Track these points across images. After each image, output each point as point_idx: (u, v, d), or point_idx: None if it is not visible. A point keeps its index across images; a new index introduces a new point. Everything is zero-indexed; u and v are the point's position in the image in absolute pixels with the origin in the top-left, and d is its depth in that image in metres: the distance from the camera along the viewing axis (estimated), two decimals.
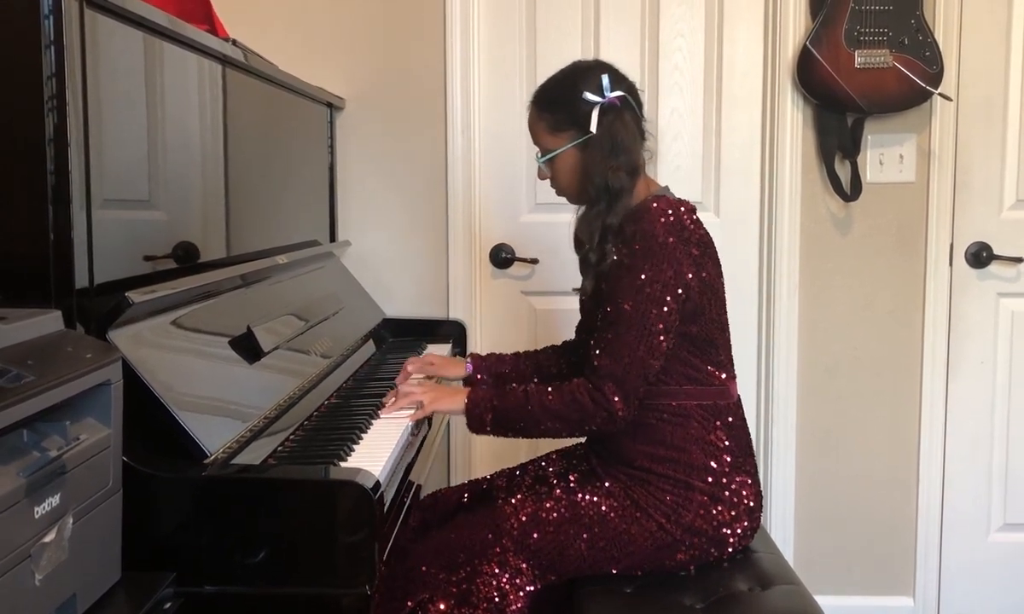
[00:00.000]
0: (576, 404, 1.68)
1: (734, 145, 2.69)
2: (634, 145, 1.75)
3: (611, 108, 1.74)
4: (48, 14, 1.21)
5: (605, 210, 1.73)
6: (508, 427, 1.75)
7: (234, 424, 1.47)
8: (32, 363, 1.01)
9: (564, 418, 1.70)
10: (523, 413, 1.72)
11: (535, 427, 1.73)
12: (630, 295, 1.67)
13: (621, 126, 1.73)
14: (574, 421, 1.70)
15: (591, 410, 1.67)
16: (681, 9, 2.66)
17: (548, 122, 1.79)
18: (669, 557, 1.72)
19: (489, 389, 1.84)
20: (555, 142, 1.78)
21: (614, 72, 1.77)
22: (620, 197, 1.72)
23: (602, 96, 1.73)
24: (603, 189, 1.73)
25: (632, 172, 1.74)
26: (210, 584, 1.31)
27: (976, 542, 2.75)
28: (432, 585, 1.69)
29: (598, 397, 1.67)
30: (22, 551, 0.97)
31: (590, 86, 1.74)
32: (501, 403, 1.75)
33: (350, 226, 2.69)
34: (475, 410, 1.76)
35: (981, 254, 2.66)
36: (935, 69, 2.50)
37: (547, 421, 1.71)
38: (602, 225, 1.73)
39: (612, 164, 1.72)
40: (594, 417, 1.68)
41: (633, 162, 1.74)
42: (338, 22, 2.64)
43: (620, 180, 1.72)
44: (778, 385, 2.69)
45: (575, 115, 1.75)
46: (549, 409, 1.70)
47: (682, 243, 1.69)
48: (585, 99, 1.74)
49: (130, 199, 1.49)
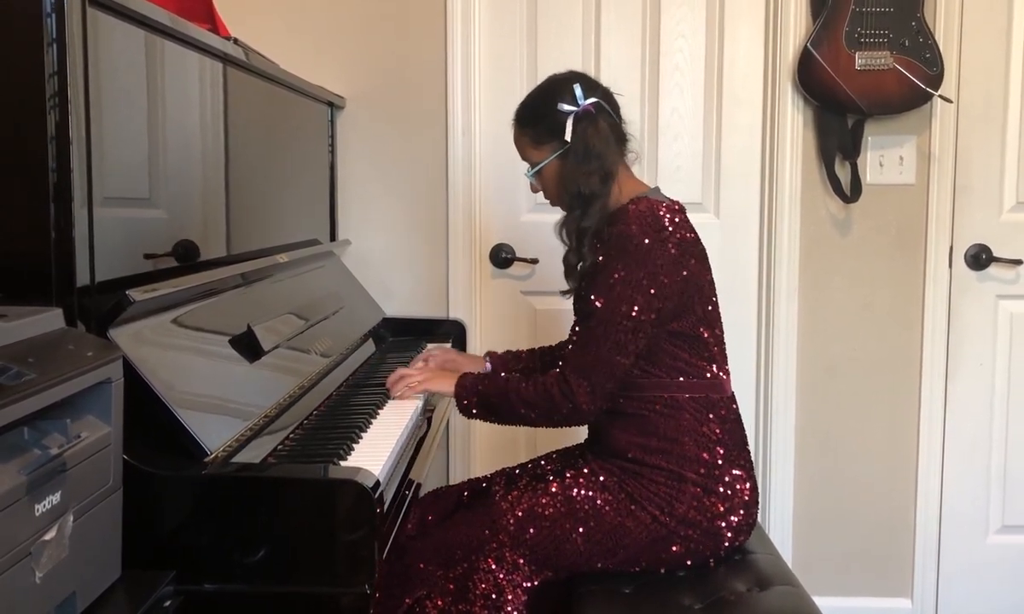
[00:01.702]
0: (546, 394, 1.74)
1: (734, 146, 2.70)
2: (607, 150, 1.78)
3: (585, 116, 1.77)
4: (50, 12, 1.21)
5: (580, 215, 1.78)
6: (490, 411, 1.82)
7: (234, 422, 1.47)
8: (33, 361, 1.01)
9: (535, 406, 1.76)
10: (502, 399, 1.79)
11: (512, 413, 1.79)
12: (603, 293, 1.71)
13: (594, 132, 1.77)
14: (543, 410, 1.75)
15: (557, 400, 1.73)
16: (682, 10, 2.66)
17: (530, 136, 1.84)
18: (664, 550, 1.73)
19: (478, 375, 1.88)
20: (538, 155, 1.83)
21: (587, 80, 1.81)
22: (593, 201, 1.76)
23: (576, 105, 1.77)
24: (576, 195, 1.77)
25: (605, 177, 1.77)
26: (210, 582, 1.31)
27: (974, 544, 2.75)
28: (430, 582, 1.70)
29: (566, 389, 1.72)
30: (23, 549, 0.97)
31: (564, 97, 1.78)
32: (485, 388, 1.82)
33: (350, 225, 2.69)
34: (462, 393, 1.82)
35: (980, 256, 2.66)
36: (935, 71, 2.51)
37: (520, 407, 1.77)
38: (577, 229, 1.78)
39: (585, 170, 1.76)
40: (560, 408, 1.73)
41: (606, 168, 1.77)
42: (339, 21, 2.64)
43: (592, 185, 1.76)
44: (777, 386, 2.70)
45: (553, 127, 1.79)
46: (522, 396, 1.76)
47: (659, 243, 1.71)
48: (560, 110, 1.78)
49: (131, 197, 1.49)
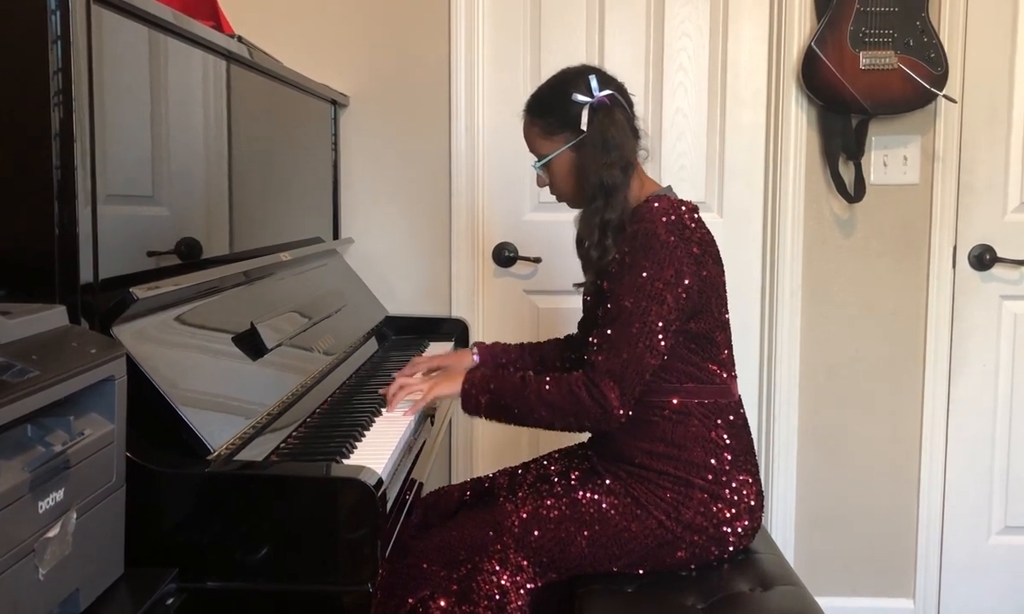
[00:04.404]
0: (573, 397, 1.67)
1: (738, 145, 2.69)
2: (626, 141, 1.76)
3: (601, 107, 1.76)
4: (55, 9, 1.21)
5: (603, 206, 1.74)
6: (502, 411, 1.74)
7: (237, 420, 1.47)
8: (37, 358, 1.02)
9: (558, 409, 1.69)
10: (518, 398, 1.71)
11: (528, 414, 1.71)
12: (631, 293, 1.67)
13: (611, 123, 1.75)
14: (569, 414, 1.69)
15: (587, 405, 1.66)
16: (686, 9, 2.66)
17: (541, 127, 1.82)
18: (669, 554, 1.72)
19: (487, 371, 1.84)
20: (549, 146, 1.81)
21: (602, 74, 1.80)
22: (615, 192, 1.74)
23: (591, 96, 1.76)
24: (598, 186, 1.74)
25: (625, 168, 1.75)
26: (213, 580, 1.31)
27: (977, 544, 2.75)
28: (433, 582, 1.69)
29: (595, 393, 1.66)
30: (26, 546, 0.97)
31: (579, 88, 1.77)
32: (498, 385, 1.75)
33: (353, 223, 2.69)
34: (471, 390, 1.76)
35: (984, 256, 2.65)
36: (940, 71, 2.50)
37: (541, 409, 1.69)
38: (601, 221, 1.74)
39: (605, 161, 1.74)
40: (590, 412, 1.67)
41: (626, 158, 1.76)
42: (343, 19, 2.64)
43: (614, 177, 1.74)
44: (780, 385, 2.69)
45: (566, 118, 1.77)
46: (544, 398, 1.69)
47: (683, 242, 1.69)
48: (575, 101, 1.76)
49: (134, 195, 1.49)
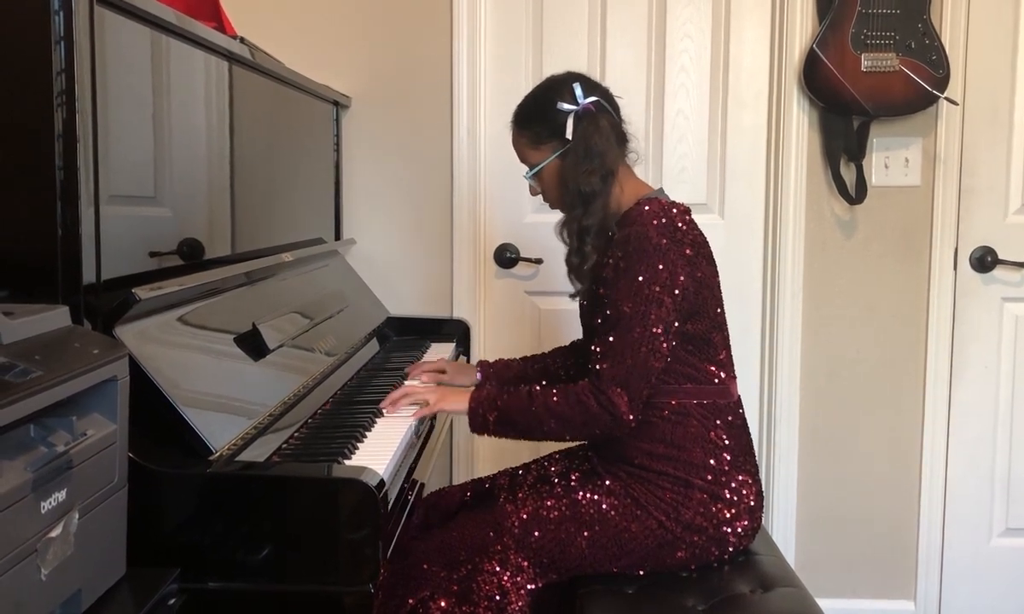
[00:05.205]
0: (581, 406, 1.68)
1: (739, 147, 2.69)
2: (609, 149, 1.76)
3: (586, 114, 1.76)
4: (58, 10, 1.22)
5: (581, 213, 1.75)
6: (511, 427, 1.74)
7: (239, 421, 1.47)
8: (39, 358, 1.02)
9: (567, 420, 1.69)
10: (526, 413, 1.71)
11: (538, 428, 1.72)
12: (628, 298, 1.67)
13: (595, 131, 1.75)
14: (578, 423, 1.69)
15: (596, 412, 1.67)
16: (688, 11, 2.66)
17: (529, 137, 1.82)
18: (669, 555, 1.72)
19: (493, 388, 1.83)
20: (537, 156, 1.81)
21: (586, 80, 1.80)
22: (593, 199, 1.74)
23: (576, 104, 1.76)
24: (577, 194, 1.75)
25: (605, 176, 1.75)
26: (214, 580, 1.31)
27: (978, 547, 2.74)
28: (433, 583, 1.69)
29: (604, 401, 1.66)
30: (28, 546, 0.97)
31: (563, 96, 1.77)
32: (504, 402, 1.74)
33: (355, 224, 2.70)
34: (478, 409, 1.76)
35: (986, 258, 2.65)
36: (941, 73, 2.50)
37: (550, 422, 1.70)
38: (578, 227, 1.76)
39: (585, 168, 1.74)
40: (600, 420, 1.67)
41: (607, 166, 1.75)
42: (345, 21, 2.64)
43: (592, 184, 1.74)
44: (781, 387, 2.69)
45: (552, 126, 1.78)
46: (553, 410, 1.69)
47: (675, 244, 1.70)
48: (560, 109, 1.76)
49: (137, 196, 1.50)
